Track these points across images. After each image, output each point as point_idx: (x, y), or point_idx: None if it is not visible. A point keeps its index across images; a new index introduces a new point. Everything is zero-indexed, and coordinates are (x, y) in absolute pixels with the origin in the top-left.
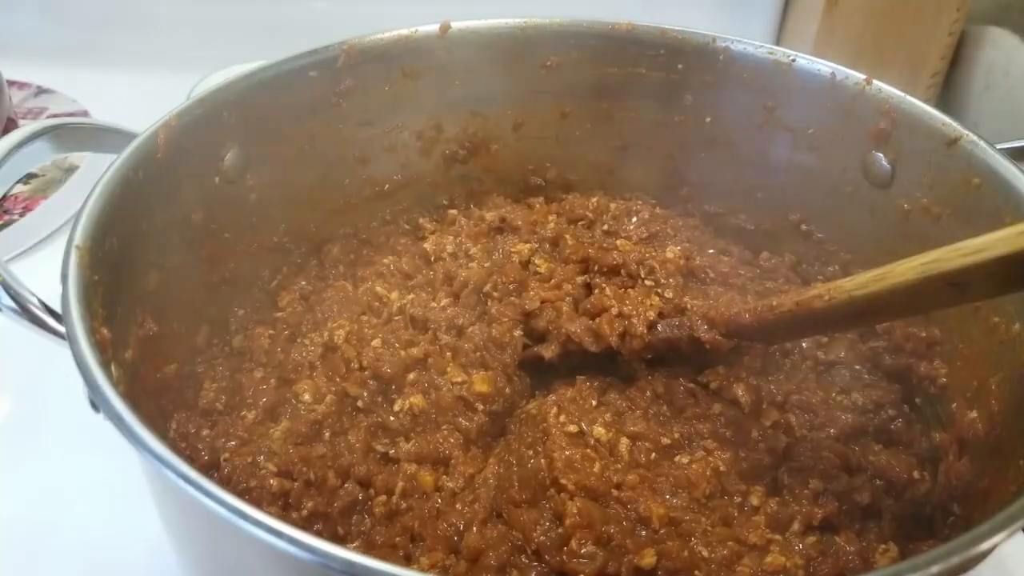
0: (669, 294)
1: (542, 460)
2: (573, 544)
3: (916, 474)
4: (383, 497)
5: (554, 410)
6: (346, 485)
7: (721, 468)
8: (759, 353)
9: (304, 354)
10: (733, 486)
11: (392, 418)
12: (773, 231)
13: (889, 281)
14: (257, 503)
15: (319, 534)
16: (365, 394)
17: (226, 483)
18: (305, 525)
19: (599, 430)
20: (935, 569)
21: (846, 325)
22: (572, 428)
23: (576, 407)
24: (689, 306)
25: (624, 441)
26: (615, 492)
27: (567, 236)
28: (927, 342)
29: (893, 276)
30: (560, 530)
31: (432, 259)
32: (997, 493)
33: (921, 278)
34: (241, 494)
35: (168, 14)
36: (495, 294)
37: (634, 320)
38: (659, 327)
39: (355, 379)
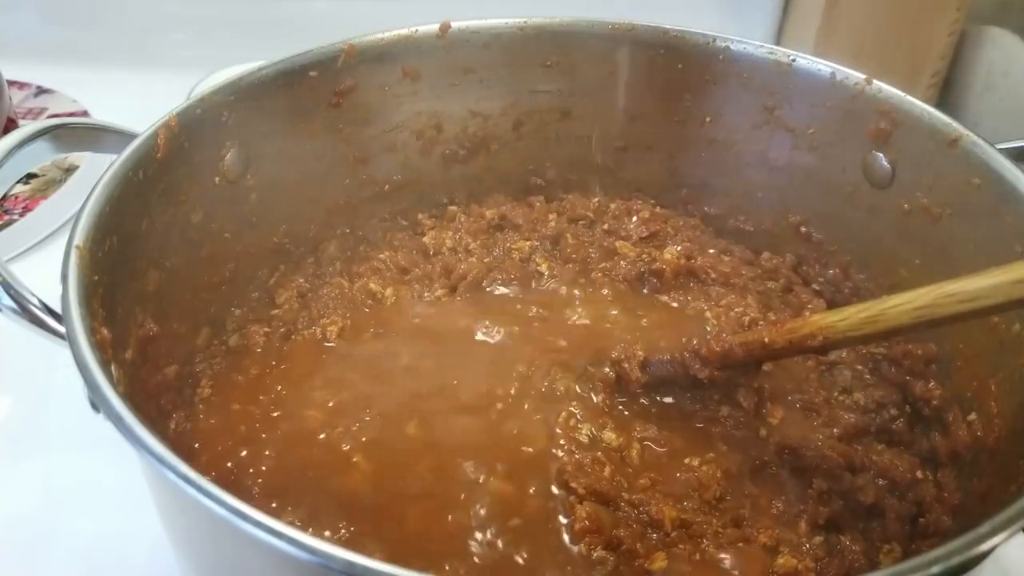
0: None
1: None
2: (583, 548)
3: (919, 474)
4: None
5: (563, 415)
6: None
7: (731, 469)
8: None
9: None
10: (743, 487)
11: None
12: (773, 232)
13: (883, 324)
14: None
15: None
16: None
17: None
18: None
19: (609, 435)
20: (935, 569)
21: (840, 350)
22: (582, 432)
23: (586, 412)
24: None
25: (635, 446)
26: (625, 496)
27: (568, 235)
28: (924, 359)
29: (886, 320)
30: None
31: (431, 253)
32: (997, 493)
33: (915, 322)
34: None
35: (168, 14)
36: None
37: (625, 365)
38: (652, 366)
39: None
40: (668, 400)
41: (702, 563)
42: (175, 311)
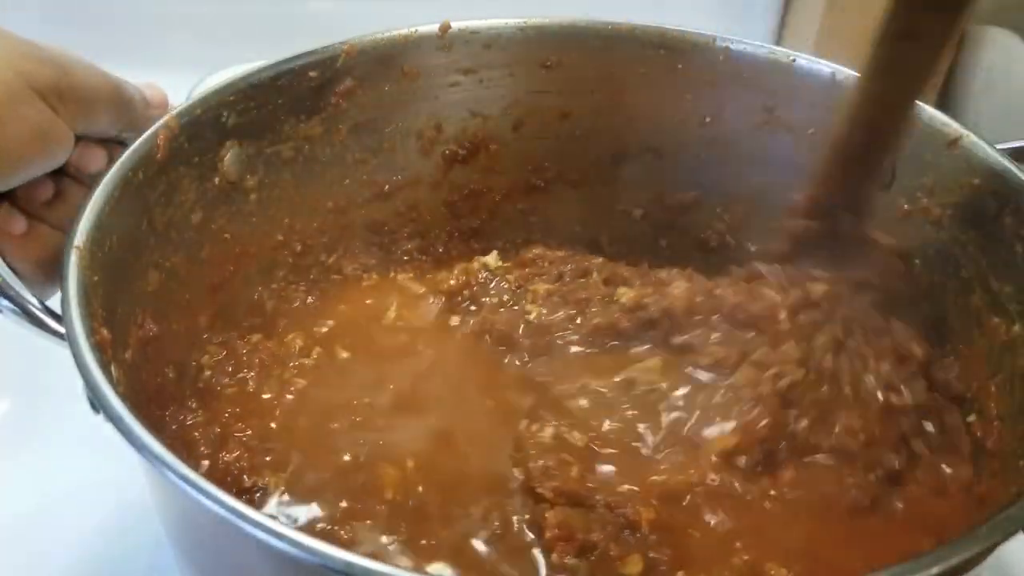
0: None
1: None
2: (555, 557)
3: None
4: None
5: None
6: None
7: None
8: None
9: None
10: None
11: None
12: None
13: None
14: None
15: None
16: None
17: None
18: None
19: (575, 435)
20: (935, 569)
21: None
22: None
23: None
24: None
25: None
26: (600, 497)
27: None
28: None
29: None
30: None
31: None
32: (996, 494)
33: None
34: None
35: (168, 14)
36: None
37: None
38: None
39: None
40: None
41: (681, 567)
42: (175, 311)
